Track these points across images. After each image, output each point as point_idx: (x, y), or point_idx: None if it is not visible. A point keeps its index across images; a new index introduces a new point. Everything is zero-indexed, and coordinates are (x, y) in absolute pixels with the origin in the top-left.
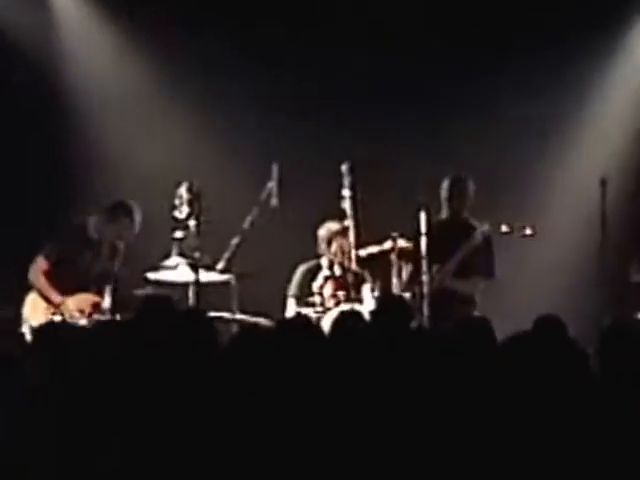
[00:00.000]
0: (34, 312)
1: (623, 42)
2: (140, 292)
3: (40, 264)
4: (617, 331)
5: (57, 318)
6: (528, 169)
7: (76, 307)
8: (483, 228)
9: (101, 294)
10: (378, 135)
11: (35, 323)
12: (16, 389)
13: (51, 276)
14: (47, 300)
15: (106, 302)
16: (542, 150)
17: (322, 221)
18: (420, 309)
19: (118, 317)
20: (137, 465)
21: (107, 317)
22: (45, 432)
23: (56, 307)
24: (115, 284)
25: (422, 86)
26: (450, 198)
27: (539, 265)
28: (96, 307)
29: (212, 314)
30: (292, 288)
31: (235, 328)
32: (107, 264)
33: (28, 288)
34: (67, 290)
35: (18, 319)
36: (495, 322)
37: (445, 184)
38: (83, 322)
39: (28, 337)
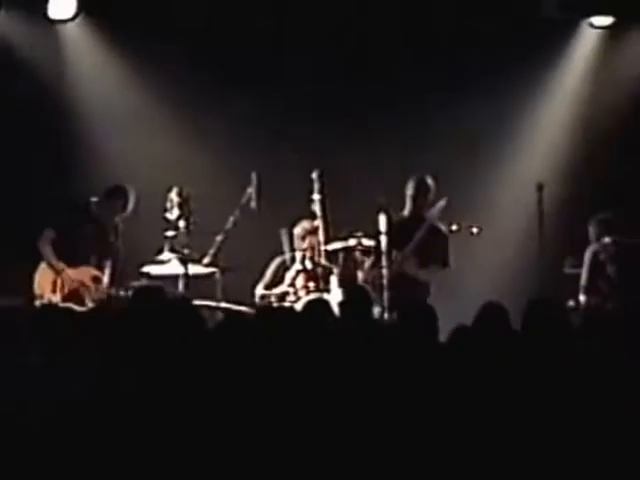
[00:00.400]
0: (42, 279)
1: (563, 51)
2: (136, 284)
3: (47, 234)
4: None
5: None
6: (475, 173)
7: (75, 277)
8: (441, 203)
9: (101, 269)
10: (344, 145)
11: (41, 288)
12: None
13: (55, 247)
14: (50, 266)
15: (105, 276)
16: (487, 157)
17: (296, 221)
18: (380, 297)
19: (114, 291)
20: (127, 453)
21: (105, 290)
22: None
23: (57, 274)
24: (114, 260)
25: (379, 101)
26: (415, 196)
27: (484, 259)
28: (95, 280)
29: (199, 302)
30: (265, 277)
31: (219, 315)
32: (107, 241)
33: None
34: (69, 262)
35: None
36: (446, 307)
37: (411, 183)
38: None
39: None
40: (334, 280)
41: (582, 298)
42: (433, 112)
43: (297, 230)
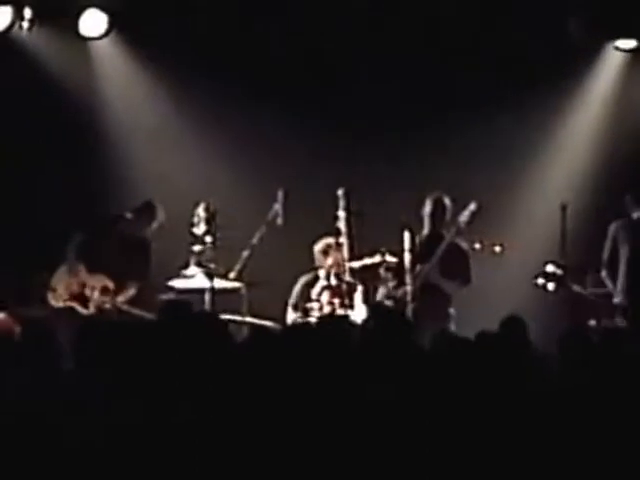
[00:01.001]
0: (59, 274)
1: (587, 73)
2: (164, 297)
3: (76, 237)
4: (573, 335)
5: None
6: (499, 192)
7: (87, 280)
8: (471, 207)
9: (120, 284)
10: (369, 164)
11: (56, 283)
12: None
13: (81, 251)
14: (69, 265)
15: (130, 292)
16: (510, 176)
17: (316, 239)
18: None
19: (133, 310)
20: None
21: (110, 302)
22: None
23: (72, 273)
24: (141, 279)
25: (413, 121)
26: (433, 215)
27: (506, 277)
28: (104, 290)
29: (225, 317)
30: (292, 297)
31: (245, 330)
32: (132, 258)
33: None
34: (90, 267)
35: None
36: (468, 320)
37: (428, 202)
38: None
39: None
40: (358, 296)
41: (603, 274)
42: (457, 130)
43: (317, 246)
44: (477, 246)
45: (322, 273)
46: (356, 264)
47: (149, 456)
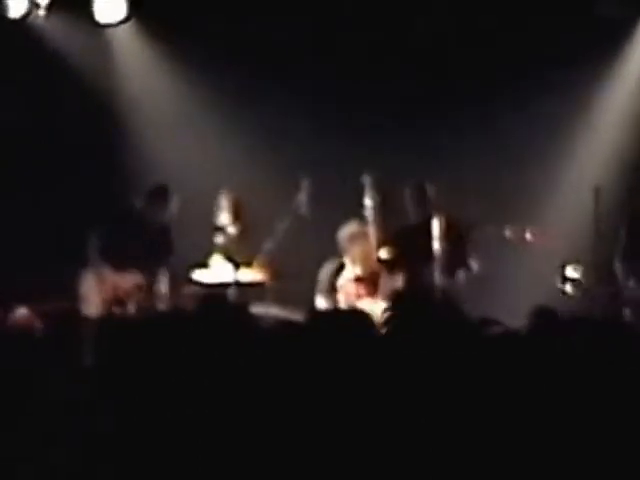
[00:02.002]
0: (87, 282)
1: (619, 54)
2: (189, 291)
3: (93, 238)
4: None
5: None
6: (528, 178)
7: (117, 283)
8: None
9: (151, 273)
10: (395, 151)
11: (86, 291)
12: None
13: (104, 251)
14: (94, 271)
15: (161, 284)
16: (540, 160)
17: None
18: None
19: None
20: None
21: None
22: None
23: (99, 278)
24: (168, 263)
25: (430, 105)
26: (417, 204)
27: (535, 266)
28: (138, 288)
29: (254, 309)
30: (320, 284)
31: (271, 321)
32: (156, 243)
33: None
34: (118, 266)
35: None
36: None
37: (409, 191)
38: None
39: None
40: (385, 286)
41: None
42: (486, 113)
43: (342, 234)
44: (508, 234)
45: (348, 262)
46: (383, 253)
47: (176, 449)
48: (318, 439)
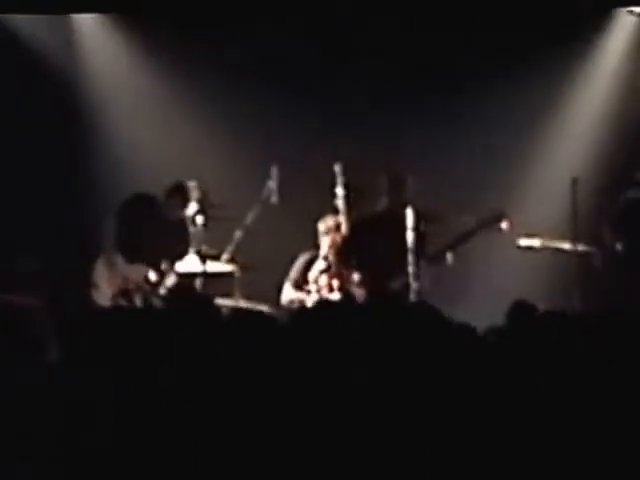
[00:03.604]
0: (99, 270)
1: (595, 44)
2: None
3: (107, 224)
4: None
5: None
6: (506, 169)
7: (128, 274)
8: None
9: (161, 272)
10: (366, 137)
11: (98, 279)
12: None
13: (119, 240)
14: (106, 259)
15: (171, 279)
16: (518, 151)
17: (319, 217)
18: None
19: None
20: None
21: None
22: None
23: (111, 268)
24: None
25: (411, 90)
26: (389, 191)
27: (514, 255)
28: (148, 281)
29: (219, 301)
30: (292, 273)
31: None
32: (172, 240)
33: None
34: (131, 257)
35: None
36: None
37: (384, 177)
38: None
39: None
40: (356, 279)
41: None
42: (460, 103)
43: (321, 227)
44: (504, 226)
45: (322, 253)
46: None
47: (153, 447)
48: (285, 432)
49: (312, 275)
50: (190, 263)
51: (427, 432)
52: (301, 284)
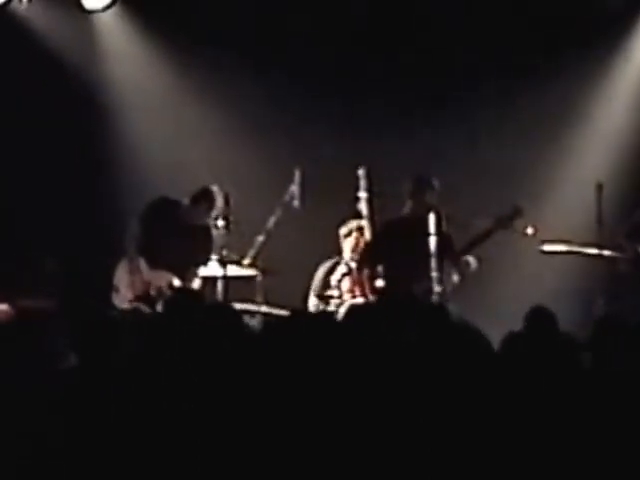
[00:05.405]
0: (120, 273)
1: (623, 49)
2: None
3: (132, 227)
4: (607, 326)
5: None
6: (530, 172)
7: (150, 279)
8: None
9: (184, 278)
10: (391, 141)
11: (119, 282)
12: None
13: (141, 244)
14: (129, 263)
15: (195, 286)
16: (542, 154)
17: (341, 222)
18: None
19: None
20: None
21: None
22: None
23: (132, 272)
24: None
25: (432, 94)
26: (415, 194)
27: (536, 260)
28: (169, 288)
29: (239, 306)
30: (314, 285)
31: (260, 319)
32: (195, 247)
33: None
34: (153, 262)
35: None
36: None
37: (410, 181)
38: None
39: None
40: (380, 284)
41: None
42: (482, 105)
43: (343, 230)
44: (529, 231)
45: (343, 258)
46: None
47: (162, 450)
48: (293, 437)
49: (334, 279)
50: (212, 267)
51: (443, 437)
52: (324, 292)
